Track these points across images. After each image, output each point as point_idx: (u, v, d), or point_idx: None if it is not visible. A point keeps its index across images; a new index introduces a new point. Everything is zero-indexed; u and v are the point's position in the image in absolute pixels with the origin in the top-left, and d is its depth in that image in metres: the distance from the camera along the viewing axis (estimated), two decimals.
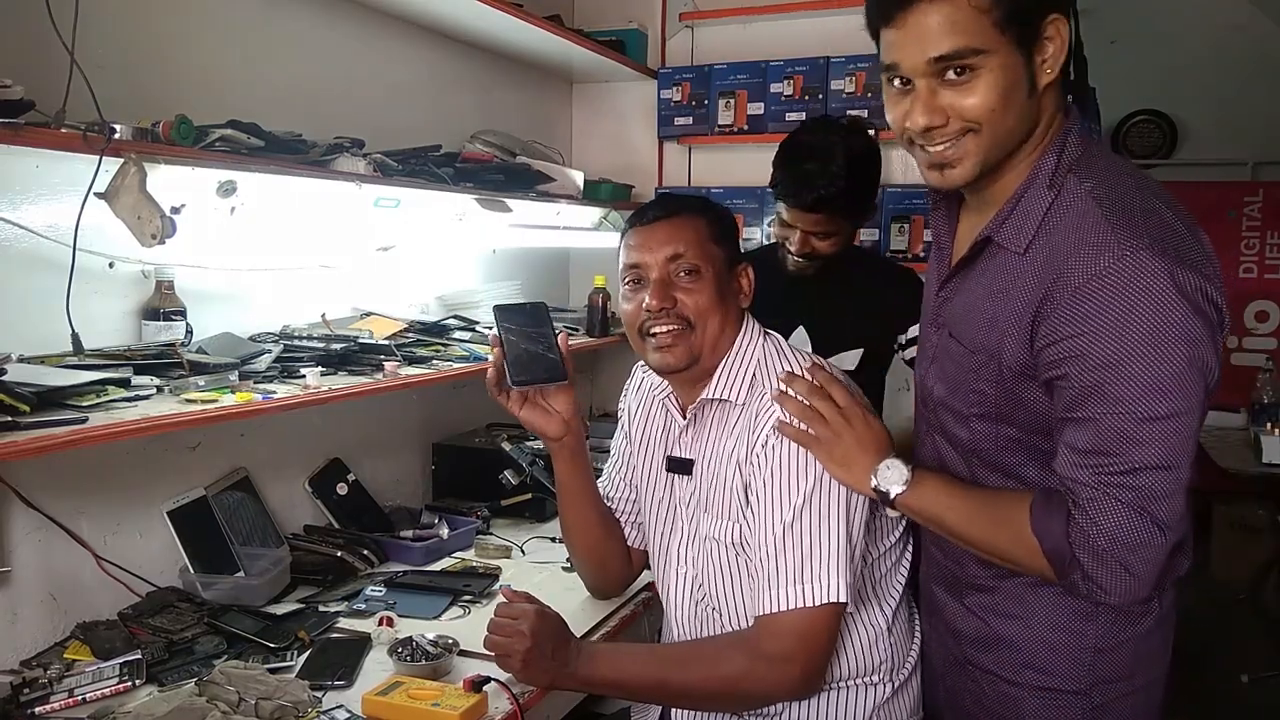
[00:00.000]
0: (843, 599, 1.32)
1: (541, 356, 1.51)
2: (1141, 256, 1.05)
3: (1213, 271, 1.08)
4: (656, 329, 1.43)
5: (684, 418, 1.53)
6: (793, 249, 2.02)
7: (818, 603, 1.31)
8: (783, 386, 1.39)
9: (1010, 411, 1.21)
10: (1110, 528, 1.09)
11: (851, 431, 1.31)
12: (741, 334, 1.49)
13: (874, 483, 1.29)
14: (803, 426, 1.35)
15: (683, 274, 1.44)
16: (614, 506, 1.71)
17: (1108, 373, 1.07)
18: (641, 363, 1.66)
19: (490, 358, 1.53)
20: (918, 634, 1.52)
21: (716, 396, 1.47)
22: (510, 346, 1.49)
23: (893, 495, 1.28)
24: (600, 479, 1.71)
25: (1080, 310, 1.08)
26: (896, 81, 1.16)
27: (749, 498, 1.41)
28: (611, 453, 1.73)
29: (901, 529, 1.49)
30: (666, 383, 1.55)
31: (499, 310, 1.52)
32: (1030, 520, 1.16)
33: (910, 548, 1.52)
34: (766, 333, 1.52)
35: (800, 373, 1.41)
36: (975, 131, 1.13)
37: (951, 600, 1.38)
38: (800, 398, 1.37)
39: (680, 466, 1.54)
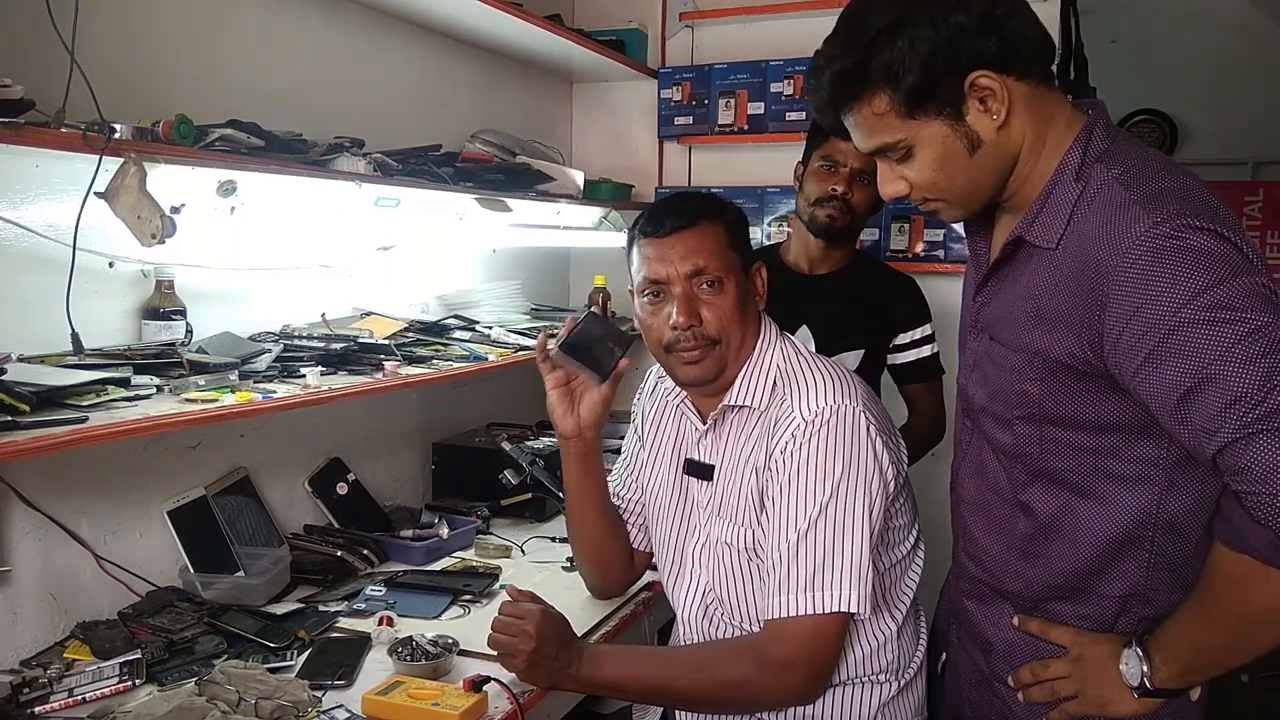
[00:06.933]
0: (853, 609, 1.31)
1: (597, 357, 1.53)
2: (1174, 222, 1.04)
3: (1249, 242, 1.06)
4: (684, 347, 1.42)
5: (703, 422, 1.52)
6: (839, 189, 2.04)
7: (828, 610, 1.31)
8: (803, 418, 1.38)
9: (1055, 410, 1.19)
10: (1269, 463, 0.96)
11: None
12: (761, 339, 1.48)
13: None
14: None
15: (705, 287, 1.42)
16: (622, 506, 1.71)
17: (1182, 325, 1.01)
18: (655, 367, 1.65)
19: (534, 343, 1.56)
20: (923, 636, 1.52)
21: (738, 403, 1.46)
22: (581, 333, 1.52)
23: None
24: (610, 477, 1.70)
25: (1129, 285, 1.05)
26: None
27: (764, 503, 1.40)
28: (622, 453, 1.73)
29: (913, 539, 1.48)
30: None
31: (591, 314, 1.58)
32: (1227, 549, 1.04)
33: (921, 556, 1.51)
34: (783, 334, 1.52)
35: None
36: (934, 199, 1.21)
37: (983, 614, 1.35)
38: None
39: (700, 471, 1.53)
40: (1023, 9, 1.14)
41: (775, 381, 1.44)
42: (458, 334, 2.30)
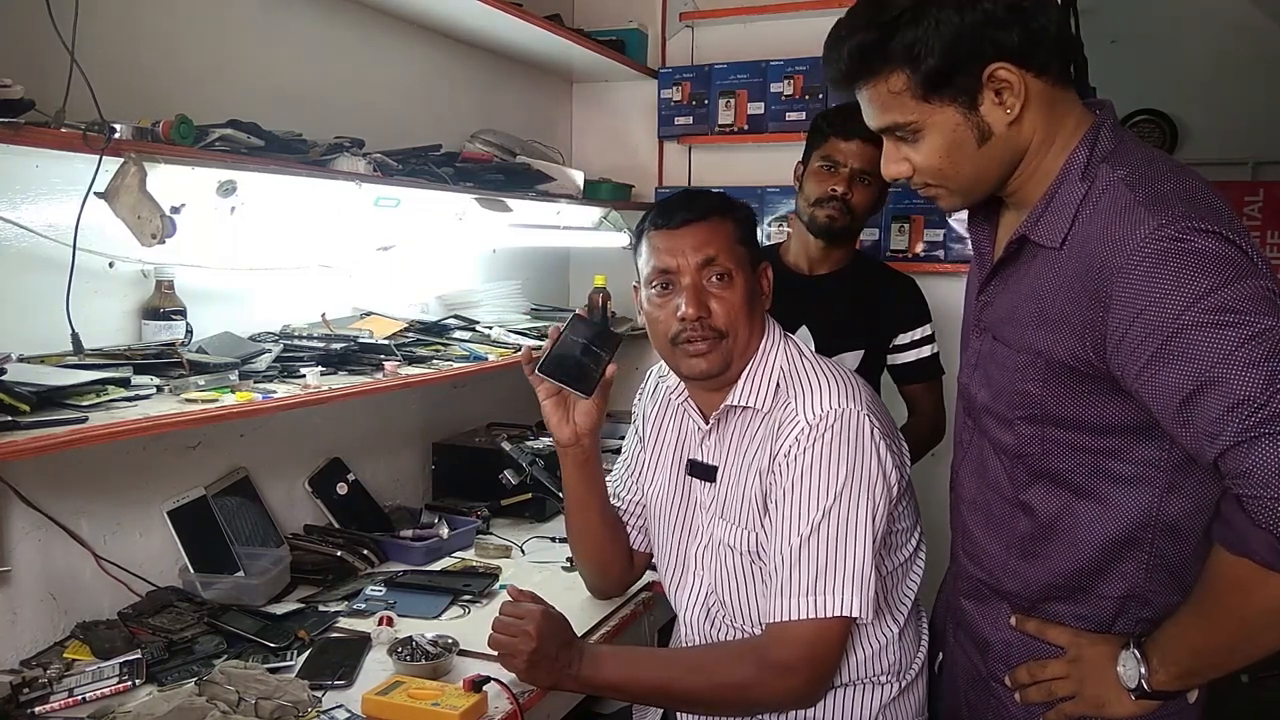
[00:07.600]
0: (855, 614, 1.31)
1: (583, 366, 1.50)
2: (1179, 224, 1.03)
3: (1253, 244, 1.05)
4: (691, 339, 1.42)
5: (705, 422, 1.52)
6: (839, 189, 2.04)
7: (830, 614, 1.31)
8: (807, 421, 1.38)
9: (1057, 411, 1.19)
10: (1270, 467, 0.96)
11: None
12: (765, 338, 1.48)
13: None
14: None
15: (715, 279, 1.42)
16: (621, 508, 1.70)
17: (1185, 328, 1.01)
18: (656, 368, 1.65)
19: (543, 344, 1.54)
20: (924, 637, 1.51)
21: (741, 403, 1.45)
22: (562, 343, 1.50)
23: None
24: (609, 477, 1.70)
25: (1133, 287, 1.05)
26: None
27: (767, 506, 1.40)
28: (622, 454, 1.73)
29: (915, 542, 1.48)
30: (684, 387, 1.55)
31: (576, 318, 1.54)
32: (1228, 552, 1.04)
33: (923, 558, 1.51)
34: (786, 335, 1.51)
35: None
36: (935, 185, 1.21)
37: (981, 613, 1.35)
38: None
39: (703, 472, 1.52)
40: (1048, 5, 1.14)
41: (779, 383, 1.44)
42: (458, 334, 2.30)
